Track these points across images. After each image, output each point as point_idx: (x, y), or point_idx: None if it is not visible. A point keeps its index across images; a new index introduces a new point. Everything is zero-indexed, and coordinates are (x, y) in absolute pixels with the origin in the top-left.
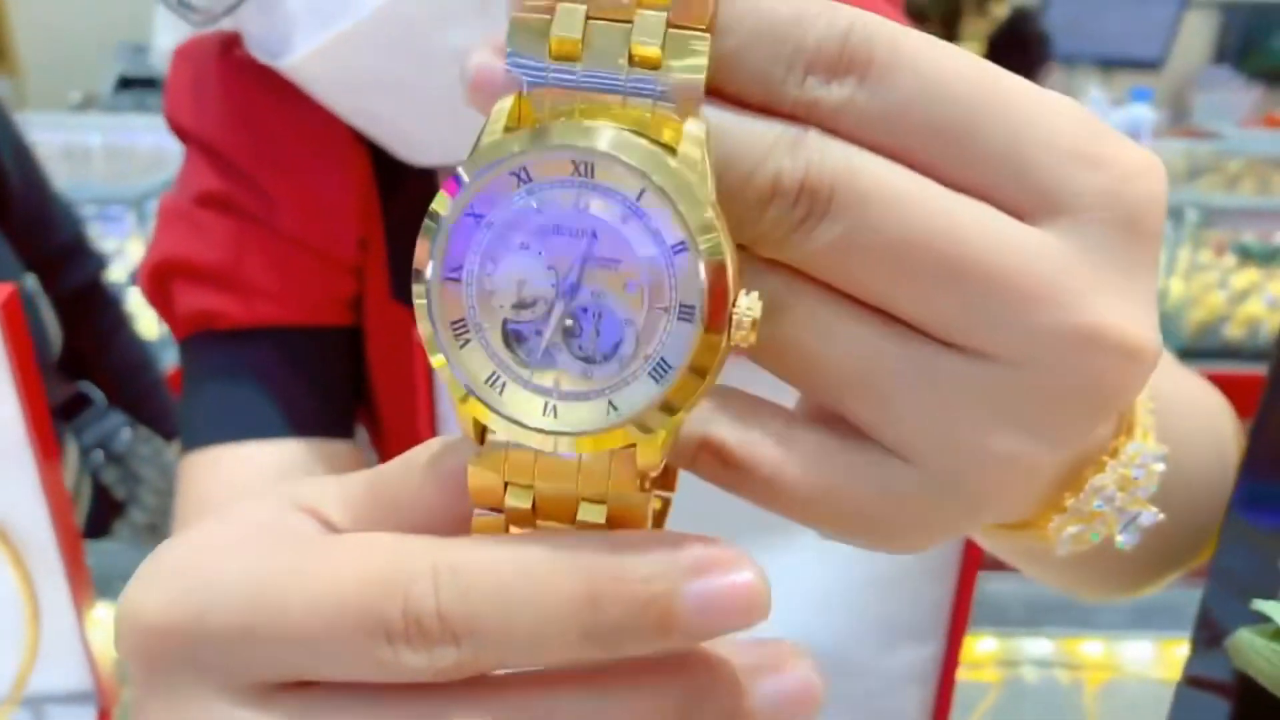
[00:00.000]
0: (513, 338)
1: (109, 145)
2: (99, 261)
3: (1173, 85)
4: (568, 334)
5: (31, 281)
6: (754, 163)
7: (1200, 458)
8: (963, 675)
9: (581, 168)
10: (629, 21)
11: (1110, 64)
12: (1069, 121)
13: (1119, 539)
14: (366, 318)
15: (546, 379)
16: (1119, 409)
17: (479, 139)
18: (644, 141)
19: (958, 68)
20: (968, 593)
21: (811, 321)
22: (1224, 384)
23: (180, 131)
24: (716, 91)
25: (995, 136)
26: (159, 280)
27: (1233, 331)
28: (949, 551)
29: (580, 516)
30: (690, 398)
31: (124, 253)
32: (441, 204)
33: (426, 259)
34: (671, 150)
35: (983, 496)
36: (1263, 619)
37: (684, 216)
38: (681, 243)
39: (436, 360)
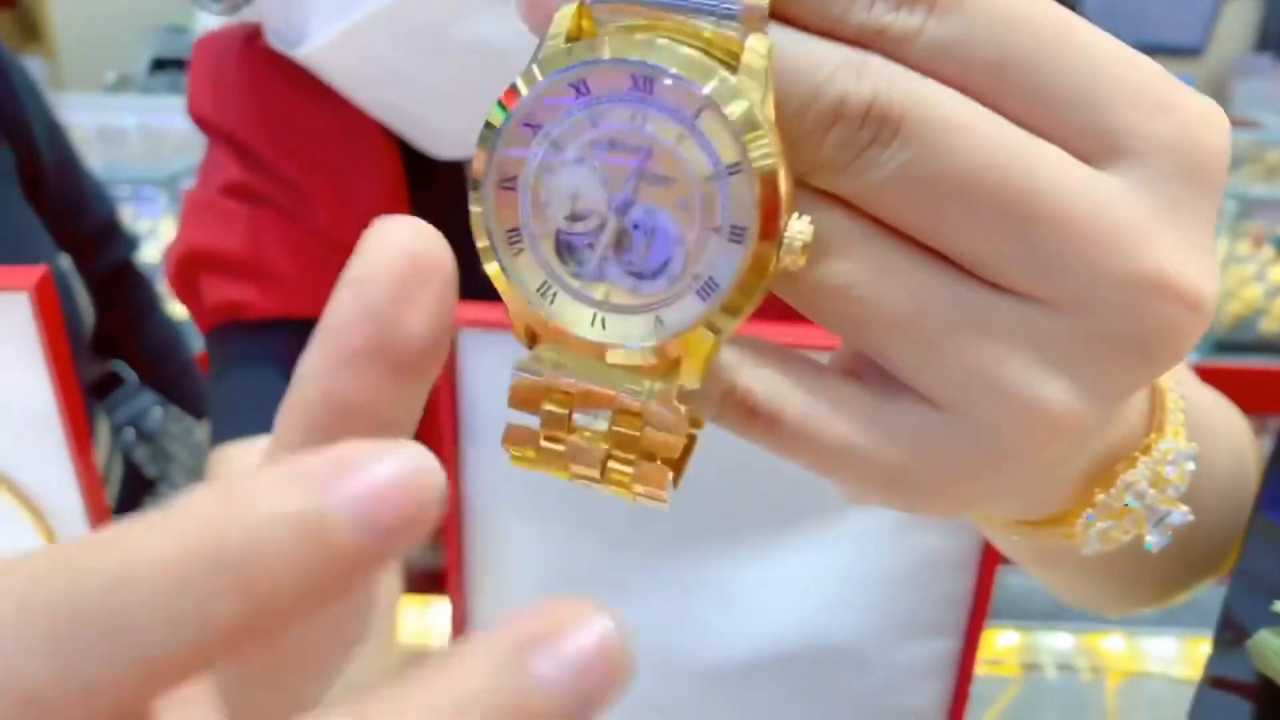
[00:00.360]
0: (565, 248)
1: (143, 126)
2: (131, 242)
3: (1212, 73)
4: (619, 248)
5: (66, 262)
6: (818, 84)
7: (1224, 464)
8: (982, 670)
9: (641, 82)
10: None
11: (1149, 50)
12: (1138, 68)
13: (1148, 538)
14: None
15: (597, 291)
16: (1172, 362)
17: (537, 49)
18: (705, 58)
19: (1031, 4)
20: (987, 586)
21: (862, 257)
22: (1260, 378)
23: (203, 124)
24: (780, 14)
25: (1067, 75)
26: (186, 272)
27: (1270, 325)
28: (969, 544)
29: (616, 427)
30: (735, 318)
31: (157, 233)
32: (497, 114)
33: (483, 167)
34: (733, 67)
35: (1020, 452)
36: None
37: (740, 137)
38: (736, 164)
39: (491, 268)
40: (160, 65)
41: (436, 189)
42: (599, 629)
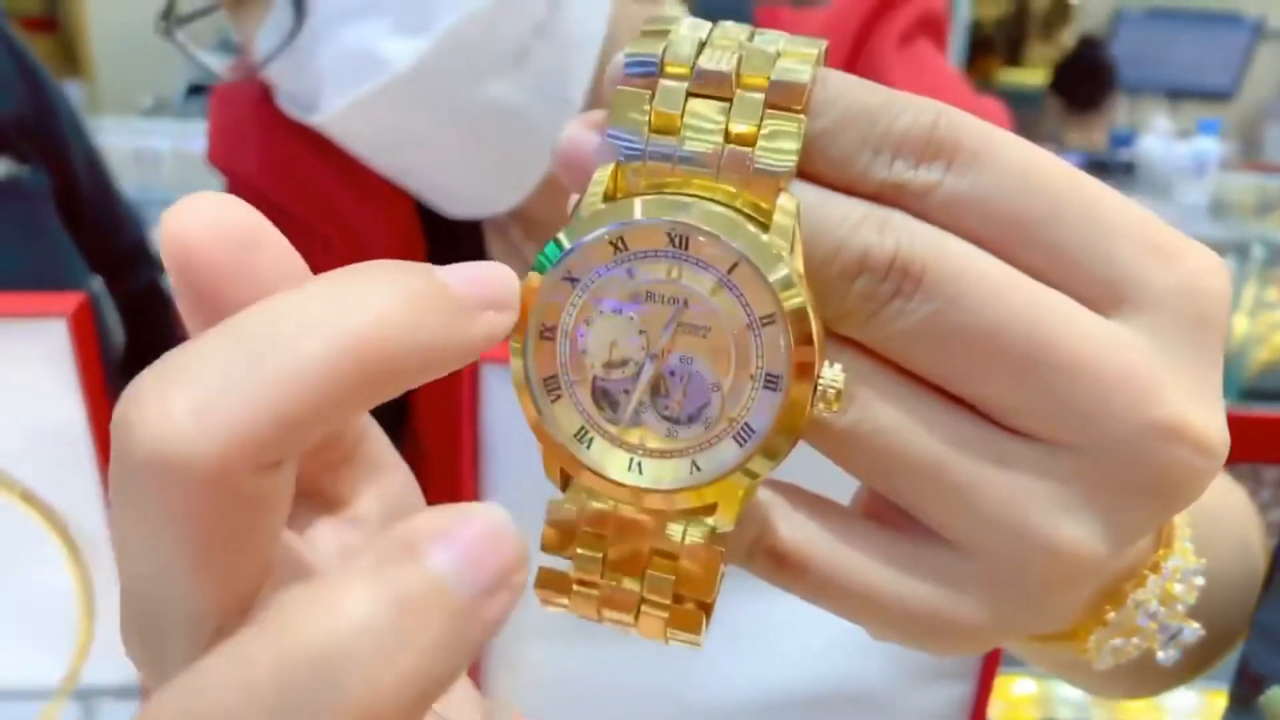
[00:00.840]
0: (602, 395)
1: (177, 150)
2: (160, 265)
3: (1244, 118)
4: (655, 395)
5: (97, 284)
6: (842, 237)
7: (1230, 563)
8: (999, 717)
9: (676, 240)
10: (728, 100)
11: (1179, 94)
12: (1143, 219)
13: (1160, 654)
14: None
15: (633, 436)
16: (1184, 506)
17: (578, 206)
18: (736, 216)
19: (1042, 161)
20: None
21: (887, 405)
22: None
23: (222, 171)
24: (806, 172)
25: (1078, 228)
26: None
27: None
28: None
29: (651, 571)
30: (772, 462)
31: None
32: (540, 266)
33: (525, 318)
34: (763, 224)
35: (1041, 593)
36: None
37: (774, 290)
38: (770, 315)
39: (530, 414)
40: (196, 90)
41: (452, 241)
42: (488, 518)
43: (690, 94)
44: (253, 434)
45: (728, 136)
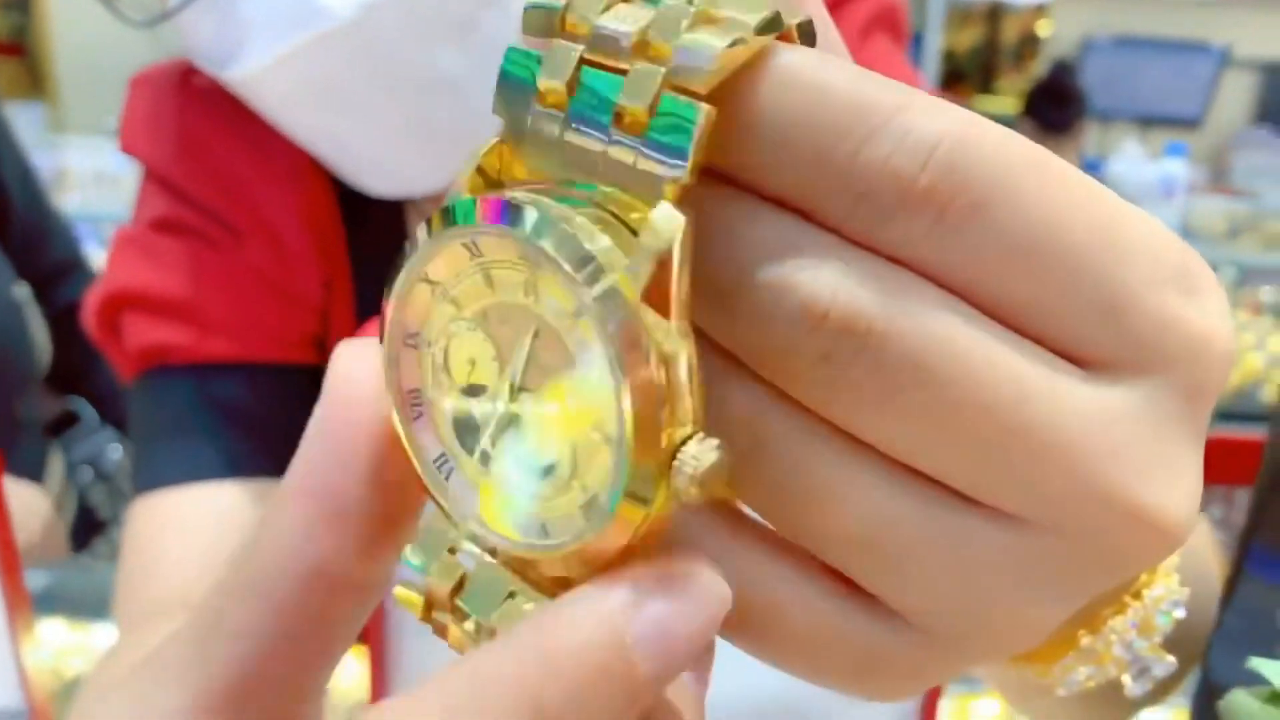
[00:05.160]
0: (462, 424)
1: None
2: (94, 280)
3: (1212, 144)
4: (510, 437)
5: (22, 291)
6: (784, 281)
7: (1200, 596)
8: None
9: (532, 255)
10: (624, 72)
11: (1149, 121)
12: (1173, 268)
13: (1129, 685)
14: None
15: (487, 480)
16: (1133, 576)
17: (451, 191)
18: (601, 236)
19: (1065, 210)
20: None
21: (826, 472)
22: (1260, 449)
23: (136, 159)
24: (734, 178)
25: (1096, 296)
26: (109, 314)
27: (1270, 393)
28: None
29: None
30: (615, 546)
31: None
32: (401, 261)
33: (388, 320)
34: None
35: (983, 654)
36: (1259, 679)
37: (615, 336)
38: (607, 365)
39: (398, 429)
40: None
41: (372, 230)
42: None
43: (583, 59)
44: None
45: (618, 119)
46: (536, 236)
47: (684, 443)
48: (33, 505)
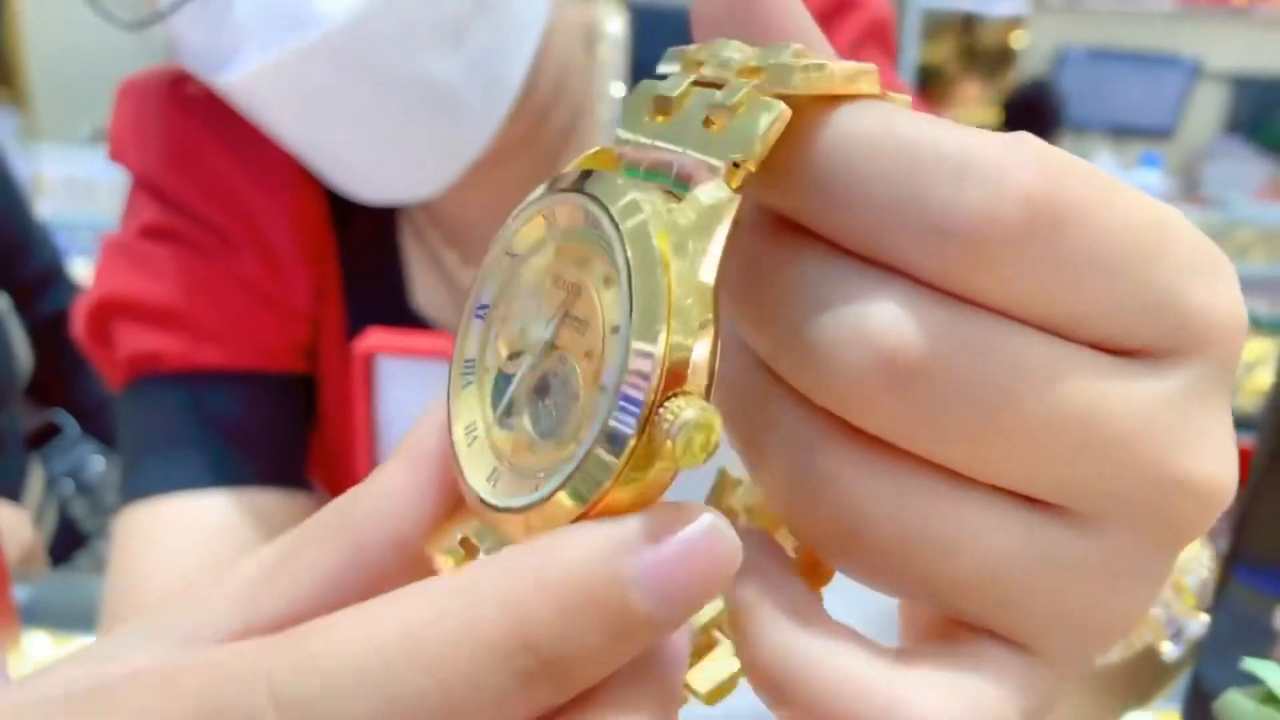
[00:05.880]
0: (497, 388)
1: (115, 179)
2: (76, 290)
3: (1184, 155)
4: (538, 395)
5: (2, 302)
6: (856, 326)
7: None
8: None
9: (590, 219)
10: (719, 86)
11: (1122, 132)
12: (1201, 255)
13: (1166, 646)
14: (321, 367)
15: (504, 442)
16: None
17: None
18: (653, 194)
19: (1127, 220)
20: None
21: (938, 523)
22: (1246, 456)
23: (125, 167)
24: (805, 224)
25: (1151, 288)
26: (98, 321)
27: (1242, 402)
28: None
29: None
30: (597, 497)
31: None
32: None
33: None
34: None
35: (1090, 662)
36: (1253, 680)
37: (633, 297)
38: (616, 326)
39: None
40: None
41: (362, 236)
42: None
43: (694, 83)
44: None
45: (707, 124)
46: (591, 186)
47: (673, 397)
48: (13, 528)
